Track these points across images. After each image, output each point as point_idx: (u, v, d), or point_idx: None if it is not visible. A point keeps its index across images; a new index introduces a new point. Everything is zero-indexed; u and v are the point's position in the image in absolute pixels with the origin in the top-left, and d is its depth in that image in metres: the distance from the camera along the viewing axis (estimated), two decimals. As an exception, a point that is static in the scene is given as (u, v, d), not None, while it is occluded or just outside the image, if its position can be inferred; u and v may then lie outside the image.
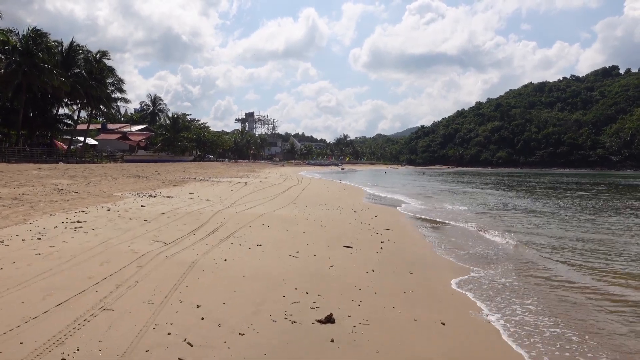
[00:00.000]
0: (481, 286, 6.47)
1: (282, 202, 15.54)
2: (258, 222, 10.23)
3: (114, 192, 15.32)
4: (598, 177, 73.49)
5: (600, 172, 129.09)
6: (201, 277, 5.56)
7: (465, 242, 10.04)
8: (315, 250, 7.78)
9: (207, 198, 14.92)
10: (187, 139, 72.07)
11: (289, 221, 10.87)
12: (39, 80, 39.85)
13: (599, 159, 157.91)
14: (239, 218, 10.65)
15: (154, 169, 34.38)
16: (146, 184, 19.08)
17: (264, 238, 8.40)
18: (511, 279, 6.99)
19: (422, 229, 12.10)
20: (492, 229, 12.31)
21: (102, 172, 24.40)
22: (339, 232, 9.92)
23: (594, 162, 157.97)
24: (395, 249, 8.65)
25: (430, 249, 9.15)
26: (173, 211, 10.82)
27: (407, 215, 15.03)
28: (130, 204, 11.85)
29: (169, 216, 9.99)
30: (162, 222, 9.23)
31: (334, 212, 13.63)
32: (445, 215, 15.57)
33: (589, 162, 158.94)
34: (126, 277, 5.29)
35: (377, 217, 13.64)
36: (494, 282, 6.71)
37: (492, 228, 12.45)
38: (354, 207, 16.18)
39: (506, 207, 19.91)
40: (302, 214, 12.57)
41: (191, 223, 9.36)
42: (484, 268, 7.61)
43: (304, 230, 9.67)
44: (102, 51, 48.71)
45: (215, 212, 11.16)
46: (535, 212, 17.92)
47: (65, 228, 7.94)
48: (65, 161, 41.75)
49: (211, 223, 9.59)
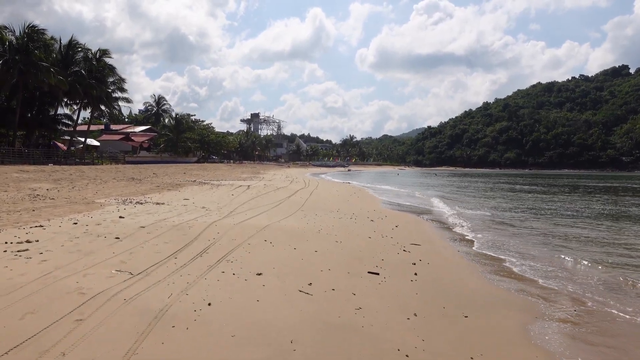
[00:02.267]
0: (576, 334, 4.55)
1: (288, 209, 13.67)
2: (259, 238, 8.36)
3: (97, 198, 13.51)
4: (621, 179, 70.79)
5: (612, 173, 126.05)
6: (168, 339, 3.69)
7: (521, 264, 8.08)
8: (333, 280, 5.90)
9: (202, 205, 13.08)
10: (190, 140, 70.56)
11: (297, 235, 8.99)
12: (35, 78, 38.41)
13: (610, 159, 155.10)
14: (237, 232, 8.78)
15: (152, 170, 32.63)
16: (138, 188, 17.28)
17: (265, 262, 6.53)
18: (622, 319, 5.03)
19: (454, 243, 10.18)
20: (545, 244, 10.35)
21: (94, 175, 22.63)
22: (359, 250, 8.03)
23: (605, 163, 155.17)
24: (433, 276, 6.75)
25: (477, 273, 7.23)
26: (157, 224, 8.94)
27: (431, 225, 13.09)
28: (108, 214, 10.01)
29: (149, 231, 8.12)
30: (139, 240, 7.37)
31: (348, 222, 11.74)
32: (478, 223, 13.61)
33: (599, 163, 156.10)
34: (50, 343, 3.43)
35: (398, 228, 11.73)
36: (593, 325, 4.76)
37: (545, 243, 10.49)
38: (369, 214, 14.28)
39: (548, 212, 17.83)
40: (312, 224, 10.69)
41: (175, 241, 7.49)
42: (563, 303, 5.64)
43: (316, 249, 7.78)
44: (103, 49, 47.21)
45: (208, 225, 9.29)
46: (592, 218, 15.86)
47: (5, 251, 6.09)
48: (64, 162, 40.27)
49: (201, 240, 7.72)
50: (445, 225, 12.95)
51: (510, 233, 12.07)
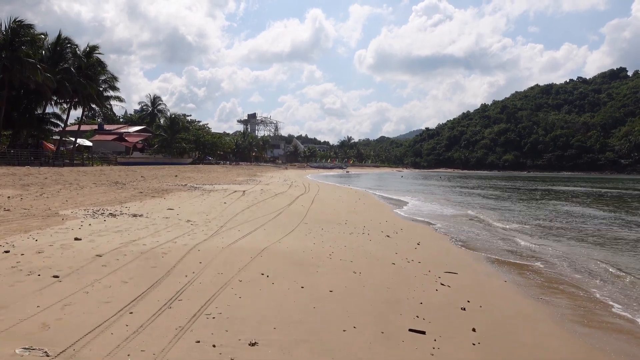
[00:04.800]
0: None
1: (289, 221, 11.67)
2: (255, 269, 6.36)
3: (64, 208, 11.44)
4: (627, 182, 69.02)
5: (610, 176, 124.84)
6: None
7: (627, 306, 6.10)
8: (364, 349, 3.93)
9: (188, 218, 11.05)
10: (185, 141, 68.49)
11: (304, 263, 7.00)
12: (20, 75, 36.33)
13: (608, 162, 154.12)
14: (225, 260, 6.78)
15: (141, 173, 30.51)
16: (118, 195, 15.21)
17: (262, 316, 4.54)
18: None
19: (495, 267, 8.24)
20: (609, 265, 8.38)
21: (73, 178, 20.50)
22: (386, 287, 6.07)
23: (603, 165, 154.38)
24: (497, 331, 4.78)
25: (555, 321, 5.25)
26: (121, 250, 6.88)
27: (453, 240, 11.12)
28: (63, 233, 7.95)
29: (106, 262, 6.06)
30: (87, 278, 5.35)
31: (362, 239, 9.76)
32: (518, 242, 11.64)
33: (598, 165, 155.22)
34: None
35: (421, 246, 9.81)
36: None
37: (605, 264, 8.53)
38: (381, 226, 12.32)
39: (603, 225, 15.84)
40: (319, 244, 8.71)
41: (139, 278, 5.46)
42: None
43: (331, 287, 5.79)
44: (93, 45, 45.20)
45: (189, 249, 7.26)
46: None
47: None
48: (52, 164, 38.13)
49: (175, 275, 5.70)
50: (471, 244, 10.97)
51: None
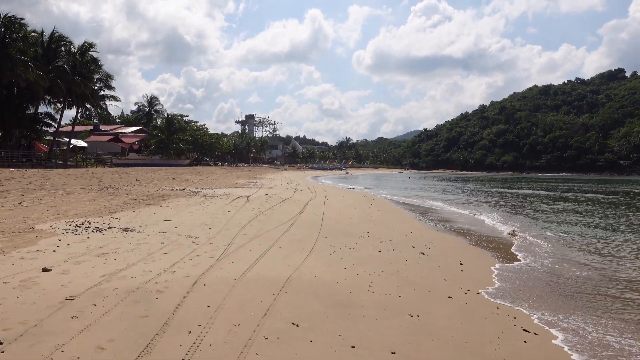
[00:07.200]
0: None
1: (305, 234, 10.03)
2: (282, 316, 4.71)
3: (43, 221, 9.74)
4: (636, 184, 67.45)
5: (611, 177, 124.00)
6: None
7: None
8: None
9: (188, 233, 9.38)
10: (182, 141, 66.72)
11: (344, 304, 5.35)
12: (11, 73, 34.64)
13: (608, 163, 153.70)
14: (240, 300, 5.14)
15: (136, 176, 28.76)
16: (108, 202, 13.51)
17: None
18: None
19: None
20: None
21: (60, 182, 18.75)
22: (461, 342, 4.44)
23: (602, 166, 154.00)
24: None
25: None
26: (99, 288, 5.13)
27: (489, 254, 9.43)
28: (31, 259, 6.26)
29: (77, 311, 4.31)
30: (43, 347, 3.68)
31: (397, 260, 8.12)
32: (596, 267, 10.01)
33: (597, 166, 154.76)
34: None
35: (465, 267, 8.24)
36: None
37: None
38: (409, 239, 10.73)
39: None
40: (350, 269, 7.08)
41: (122, 341, 3.77)
42: None
43: (391, 347, 4.15)
44: (88, 43, 43.51)
45: (192, 283, 5.61)
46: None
47: None
48: (44, 165, 36.38)
49: (174, 332, 4.05)
50: (532, 264, 9.32)
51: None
